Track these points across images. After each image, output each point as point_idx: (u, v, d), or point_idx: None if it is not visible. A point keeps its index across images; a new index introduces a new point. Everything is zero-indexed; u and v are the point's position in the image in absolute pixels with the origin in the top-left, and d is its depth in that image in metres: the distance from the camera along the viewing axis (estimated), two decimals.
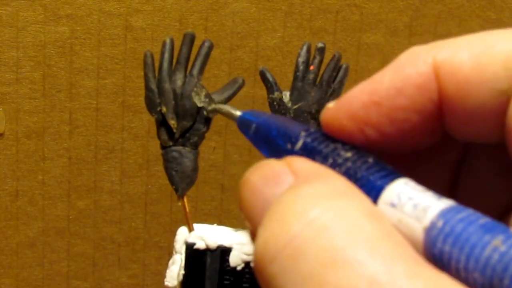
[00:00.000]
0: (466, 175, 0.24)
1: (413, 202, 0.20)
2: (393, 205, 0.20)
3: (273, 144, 0.24)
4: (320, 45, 0.50)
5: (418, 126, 0.22)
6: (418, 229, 0.19)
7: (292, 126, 0.23)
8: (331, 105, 0.23)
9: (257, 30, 0.76)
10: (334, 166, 0.21)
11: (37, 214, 0.78)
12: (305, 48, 0.50)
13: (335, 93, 0.50)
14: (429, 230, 0.19)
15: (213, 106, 0.29)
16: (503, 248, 0.18)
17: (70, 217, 0.79)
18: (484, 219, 0.19)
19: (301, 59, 0.49)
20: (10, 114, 0.75)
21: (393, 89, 0.21)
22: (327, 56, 0.51)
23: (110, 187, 0.78)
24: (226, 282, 0.48)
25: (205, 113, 0.46)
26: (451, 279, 0.18)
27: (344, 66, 0.51)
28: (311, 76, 0.49)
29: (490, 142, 0.22)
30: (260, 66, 0.54)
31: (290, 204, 0.19)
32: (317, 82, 0.50)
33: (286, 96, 0.49)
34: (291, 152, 0.23)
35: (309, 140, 0.22)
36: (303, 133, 0.23)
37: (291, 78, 0.50)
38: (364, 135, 0.22)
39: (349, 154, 0.21)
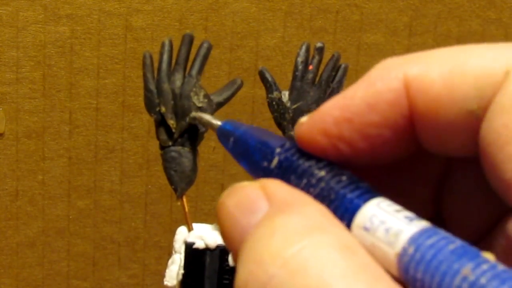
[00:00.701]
0: (449, 189, 0.24)
1: (385, 226, 0.19)
2: (366, 229, 0.20)
3: (250, 159, 0.24)
4: (319, 45, 0.50)
5: (391, 140, 0.22)
6: (391, 255, 0.19)
7: (269, 140, 0.23)
8: (304, 119, 0.23)
9: (257, 30, 0.76)
10: (308, 186, 0.21)
11: (37, 214, 0.78)
12: (304, 48, 0.50)
13: (334, 93, 0.50)
14: (401, 256, 0.19)
15: (193, 114, 0.29)
16: (472, 278, 0.17)
17: (70, 217, 0.79)
18: (454, 244, 0.18)
19: (300, 59, 0.49)
20: (10, 114, 0.75)
21: (364, 105, 0.21)
22: (327, 56, 0.51)
23: (110, 187, 0.78)
24: (225, 281, 0.48)
25: (187, 120, 0.46)
26: None
27: (343, 65, 0.51)
28: (310, 75, 0.49)
29: (466, 155, 0.22)
30: (260, 66, 0.54)
31: (265, 241, 0.19)
32: (316, 82, 0.50)
33: (285, 95, 0.49)
34: (268, 170, 0.23)
35: (283, 157, 0.22)
36: (278, 150, 0.23)
37: (291, 78, 0.50)
38: (337, 150, 0.22)
39: (322, 173, 0.21)
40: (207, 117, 0.29)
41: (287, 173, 0.22)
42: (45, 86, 0.75)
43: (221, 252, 0.48)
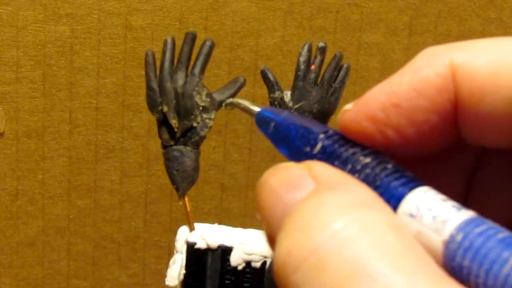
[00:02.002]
0: (480, 181, 0.24)
1: (432, 214, 0.19)
2: (412, 216, 0.20)
3: (291, 145, 0.23)
4: (321, 44, 0.50)
5: (437, 127, 0.22)
6: (437, 241, 0.19)
7: (312, 127, 0.23)
8: (349, 106, 0.22)
9: (257, 29, 0.76)
10: (353, 172, 0.21)
11: (37, 213, 0.78)
12: (306, 47, 0.50)
13: (336, 93, 0.50)
14: (448, 243, 0.19)
15: (231, 100, 0.28)
16: None
17: (70, 216, 0.79)
18: (503, 234, 0.18)
19: (302, 59, 0.49)
20: (10, 114, 0.75)
21: (412, 90, 0.21)
22: (327, 56, 0.51)
23: (110, 186, 0.78)
24: (227, 281, 0.48)
25: (223, 106, 0.46)
26: None
27: (345, 65, 0.51)
28: (312, 75, 0.49)
29: (504, 147, 0.22)
30: (261, 65, 0.54)
31: (313, 213, 0.19)
32: (318, 82, 0.50)
33: (287, 95, 0.49)
34: (310, 155, 0.22)
35: (327, 143, 0.22)
36: (321, 136, 0.22)
37: (291, 78, 0.50)
38: (384, 137, 0.22)
39: (368, 160, 0.21)
40: (245, 102, 0.28)
41: (330, 158, 0.22)
42: (45, 86, 0.75)
43: (223, 252, 0.48)
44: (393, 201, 0.20)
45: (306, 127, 0.23)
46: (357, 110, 0.22)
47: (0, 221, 0.78)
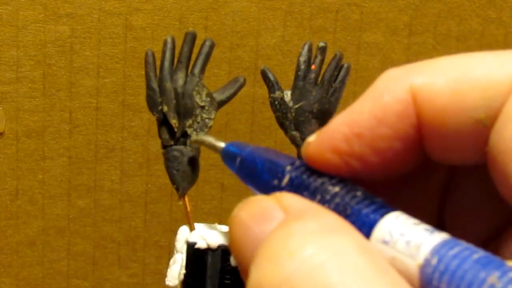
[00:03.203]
0: (453, 198, 0.24)
1: (406, 239, 0.19)
2: (385, 242, 0.20)
3: (259, 179, 0.23)
4: (321, 44, 0.50)
5: (401, 152, 0.22)
6: (412, 266, 0.19)
7: (278, 159, 0.23)
8: (311, 139, 0.22)
9: (257, 29, 0.76)
10: (323, 202, 0.21)
11: (37, 213, 0.78)
12: (306, 47, 0.50)
13: (336, 92, 0.50)
14: (424, 267, 0.19)
15: (195, 137, 0.28)
16: (499, 285, 0.17)
17: (70, 216, 0.79)
18: (478, 254, 0.18)
19: (302, 58, 0.49)
20: (10, 113, 0.75)
21: (373, 119, 0.21)
22: (328, 56, 0.51)
23: (110, 186, 0.78)
24: (227, 281, 0.48)
25: (188, 143, 0.45)
26: None
27: (345, 65, 0.51)
28: (313, 75, 0.49)
29: (472, 164, 0.22)
30: (261, 65, 0.54)
31: (282, 242, 0.19)
32: (318, 82, 0.50)
33: (288, 95, 0.49)
34: (278, 188, 0.22)
35: (295, 175, 0.22)
36: (288, 168, 0.22)
37: (291, 77, 0.50)
38: (349, 166, 0.22)
39: (337, 189, 0.21)
40: (209, 139, 0.28)
41: (299, 190, 0.22)
42: (45, 85, 0.75)
43: (223, 252, 0.48)
44: (365, 228, 0.20)
45: (272, 160, 0.23)
46: (320, 142, 0.22)
47: (0, 221, 0.78)
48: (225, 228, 0.49)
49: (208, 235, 0.48)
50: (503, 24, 0.79)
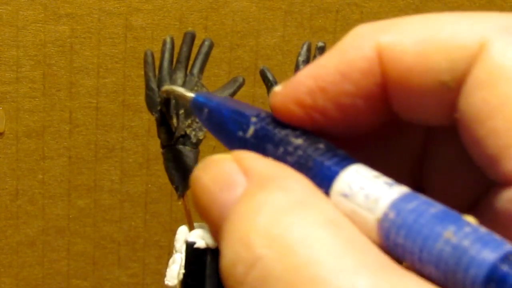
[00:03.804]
0: (429, 160, 0.24)
1: (365, 192, 0.19)
2: (345, 196, 0.20)
3: (225, 130, 0.23)
4: (320, 44, 0.50)
5: (365, 110, 0.22)
6: (371, 220, 0.19)
7: (244, 111, 0.23)
8: (278, 89, 0.22)
9: (257, 29, 0.76)
10: (285, 154, 0.21)
11: (37, 213, 0.78)
12: (305, 47, 0.50)
13: None
14: (382, 221, 0.19)
15: (166, 87, 0.28)
16: (454, 240, 0.17)
17: (70, 216, 0.79)
18: (435, 208, 0.18)
19: (301, 58, 0.49)
20: (10, 113, 0.75)
21: (338, 74, 0.21)
22: None
23: (110, 186, 0.78)
24: None
25: (159, 94, 0.45)
26: (418, 280, 0.17)
27: None
28: None
29: (442, 125, 0.22)
30: (261, 65, 0.54)
31: (250, 220, 0.19)
32: None
33: None
34: (243, 139, 0.22)
35: (259, 126, 0.22)
36: (254, 119, 0.22)
37: (291, 77, 0.50)
38: (312, 120, 0.22)
39: (300, 141, 0.21)
40: (179, 89, 0.28)
41: (263, 142, 0.22)
42: (45, 85, 0.75)
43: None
44: (326, 181, 0.20)
45: (238, 111, 0.23)
46: (285, 94, 0.22)
47: (0, 220, 0.78)
48: None
49: (207, 235, 0.48)
50: None
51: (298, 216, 0.19)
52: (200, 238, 0.48)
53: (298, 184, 0.20)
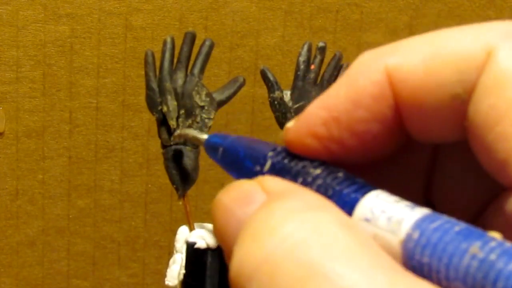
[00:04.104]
0: (439, 176, 0.24)
1: (387, 215, 0.19)
2: (367, 220, 0.20)
3: (241, 167, 0.23)
4: (321, 44, 0.50)
5: (380, 134, 0.22)
6: (394, 242, 0.19)
7: (259, 146, 0.23)
8: (290, 125, 0.22)
9: (257, 29, 0.76)
10: (305, 184, 0.21)
11: (37, 213, 0.78)
12: (306, 47, 0.50)
13: None
14: (406, 242, 0.19)
15: (178, 132, 0.29)
16: (481, 255, 0.17)
17: (70, 216, 0.79)
18: (459, 226, 0.18)
19: (302, 58, 0.49)
20: (10, 113, 0.75)
21: (349, 102, 0.21)
22: (327, 56, 0.51)
23: (110, 186, 0.78)
24: (226, 281, 0.48)
25: (171, 139, 0.46)
26: (432, 285, 0.17)
27: (344, 65, 0.51)
28: (312, 75, 0.50)
29: (453, 141, 0.22)
30: (261, 65, 0.54)
31: (263, 221, 0.19)
32: (318, 81, 0.50)
33: (287, 95, 0.49)
34: (261, 174, 0.22)
35: (276, 160, 0.22)
36: (270, 153, 0.23)
37: (291, 77, 0.50)
38: (328, 150, 0.22)
39: (318, 171, 0.21)
40: (192, 132, 0.28)
41: (281, 174, 0.22)
42: (45, 85, 0.75)
43: (223, 251, 0.48)
44: (347, 208, 0.20)
45: (254, 147, 0.23)
46: (299, 128, 0.22)
47: (0, 221, 0.78)
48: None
49: (207, 235, 0.48)
50: None
51: (312, 216, 0.19)
52: (201, 238, 0.48)
53: (314, 196, 0.20)
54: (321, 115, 0.21)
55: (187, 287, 0.49)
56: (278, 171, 0.22)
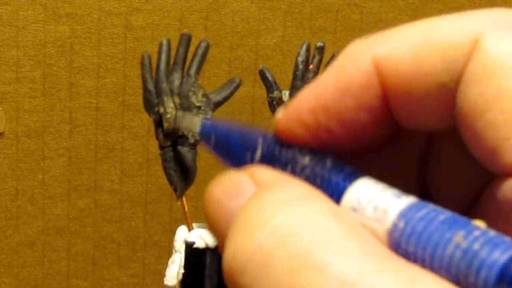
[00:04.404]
0: (433, 164, 0.24)
1: (373, 205, 0.20)
2: (354, 209, 0.20)
3: (233, 155, 0.24)
4: (319, 44, 0.50)
5: (368, 123, 0.22)
6: (381, 231, 0.19)
7: (250, 135, 0.23)
8: (280, 114, 0.22)
9: (257, 29, 0.76)
10: (293, 173, 0.22)
11: (37, 213, 0.78)
12: (304, 47, 0.50)
13: None
14: (391, 232, 0.19)
15: (176, 122, 0.29)
16: (464, 245, 0.17)
17: (70, 216, 0.79)
18: (444, 215, 0.18)
19: (300, 58, 0.49)
20: (10, 113, 0.75)
21: (337, 91, 0.21)
22: (327, 56, 0.51)
23: (110, 186, 0.78)
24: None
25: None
26: (421, 269, 0.18)
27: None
28: (311, 75, 0.50)
29: (443, 130, 0.22)
30: (261, 65, 0.54)
31: (253, 213, 0.19)
32: None
33: (286, 95, 0.49)
34: (252, 162, 0.23)
35: (266, 148, 0.23)
36: (260, 142, 0.23)
37: (291, 77, 0.50)
38: (317, 139, 0.22)
39: (306, 159, 0.22)
40: (189, 117, 0.28)
41: (271, 163, 0.22)
42: (45, 86, 0.75)
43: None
44: (335, 196, 0.20)
45: (244, 136, 0.23)
46: (288, 117, 0.22)
47: (0, 221, 0.78)
48: None
49: (206, 235, 0.48)
50: None
51: (301, 206, 0.19)
52: (200, 238, 0.48)
53: (302, 185, 0.20)
54: (309, 103, 0.22)
55: (186, 287, 0.49)
56: (268, 159, 0.22)
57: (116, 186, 0.78)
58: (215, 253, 0.48)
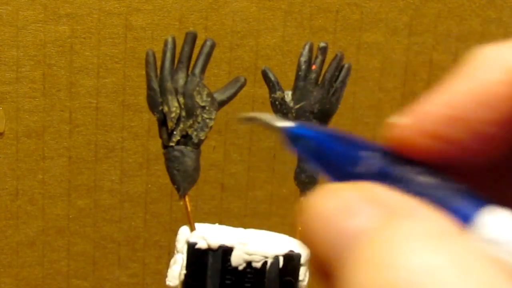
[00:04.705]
0: None
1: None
2: (490, 242, 0.18)
3: (331, 163, 0.21)
4: (322, 44, 0.50)
5: (500, 137, 0.20)
6: None
7: (355, 143, 0.21)
8: (398, 120, 0.20)
9: (257, 29, 0.76)
10: (408, 192, 0.19)
11: (37, 213, 0.78)
12: (307, 47, 0.50)
13: (337, 93, 0.50)
14: None
15: (251, 114, 0.24)
16: None
17: (70, 216, 0.79)
18: None
19: (303, 59, 0.49)
20: (10, 113, 0.75)
21: (474, 101, 0.19)
22: (328, 56, 0.51)
23: (110, 186, 0.78)
24: (227, 281, 0.48)
25: (241, 119, 0.45)
26: None
27: (346, 65, 0.51)
28: (313, 75, 0.49)
29: None
30: (261, 65, 0.54)
31: (387, 244, 0.17)
32: (319, 82, 0.50)
33: (288, 95, 0.49)
34: (355, 175, 0.20)
35: (375, 161, 0.20)
36: (367, 153, 0.20)
37: (291, 77, 0.50)
38: (443, 153, 0.20)
39: (426, 179, 0.19)
40: (266, 117, 0.24)
41: (379, 178, 0.20)
42: (45, 86, 0.75)
43: (224, 252, 0.48)
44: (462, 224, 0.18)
45: (346, 144, 0.21)
46: (412, 125, 0.20)
47: (0, 221, 0.78)
48: (225, 229, 0.49)
49: (208, 235, 0.48)
50: (503, 24, 0.79)
51: (445, 243, 0.17)
52: (202, 239, 0.48)
53: (438, 215, 0.18)
54: (442, 113, 0.20)
55: (188, 287, 0.48)
56: (376, 174, 0.20)
57: (116, 186, 0.78)
58: (217, 253, 0.48)
